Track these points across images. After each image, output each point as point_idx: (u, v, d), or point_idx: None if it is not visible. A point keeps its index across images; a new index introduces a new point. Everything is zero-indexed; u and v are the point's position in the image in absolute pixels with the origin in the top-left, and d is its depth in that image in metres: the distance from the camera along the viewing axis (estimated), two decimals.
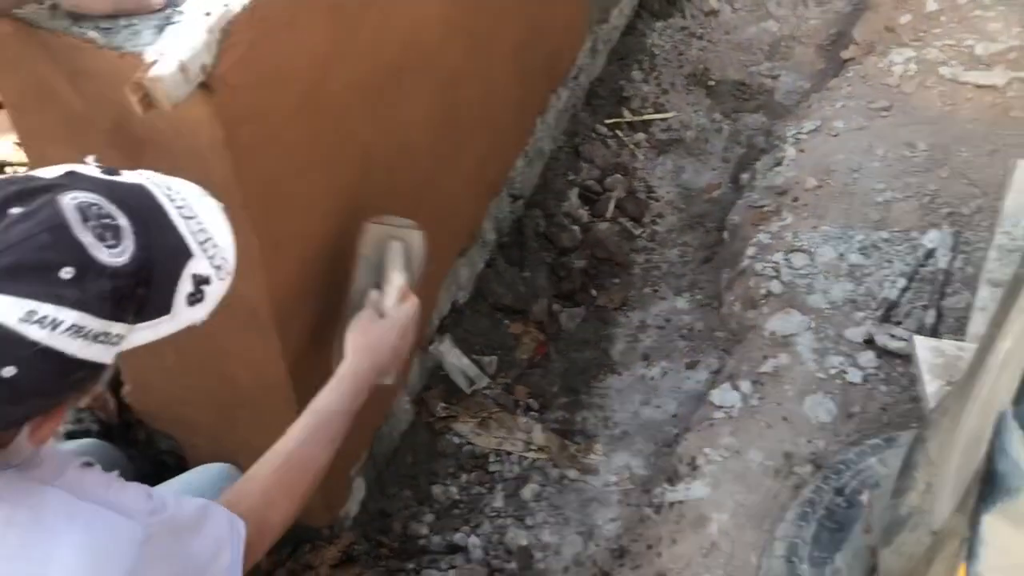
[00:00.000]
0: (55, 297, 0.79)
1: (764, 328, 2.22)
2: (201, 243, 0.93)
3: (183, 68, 1.13)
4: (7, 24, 1.24)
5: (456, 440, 2.25)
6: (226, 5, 1.20)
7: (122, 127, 1.30)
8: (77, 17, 1.21)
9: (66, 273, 0.80)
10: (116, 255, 0.84)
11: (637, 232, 2.74)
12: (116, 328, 0.85)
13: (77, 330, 0.81)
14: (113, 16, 1.21)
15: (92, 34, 1.21)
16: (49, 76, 1.30)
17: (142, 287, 0.87)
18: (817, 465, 1.94)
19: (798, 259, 2.34)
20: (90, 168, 0.89)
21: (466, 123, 2.08)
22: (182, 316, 0.92)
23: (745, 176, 2.76)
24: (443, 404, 2.30)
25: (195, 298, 0.92)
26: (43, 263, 0.79)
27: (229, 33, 1.20)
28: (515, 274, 2.58)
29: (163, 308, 0.90)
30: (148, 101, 1.13)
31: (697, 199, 2.85)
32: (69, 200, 0.82)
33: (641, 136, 3.01)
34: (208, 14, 1.19)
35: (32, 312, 0.78)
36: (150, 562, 0.96)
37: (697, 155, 2.97)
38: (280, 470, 1.27)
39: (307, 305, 1.60)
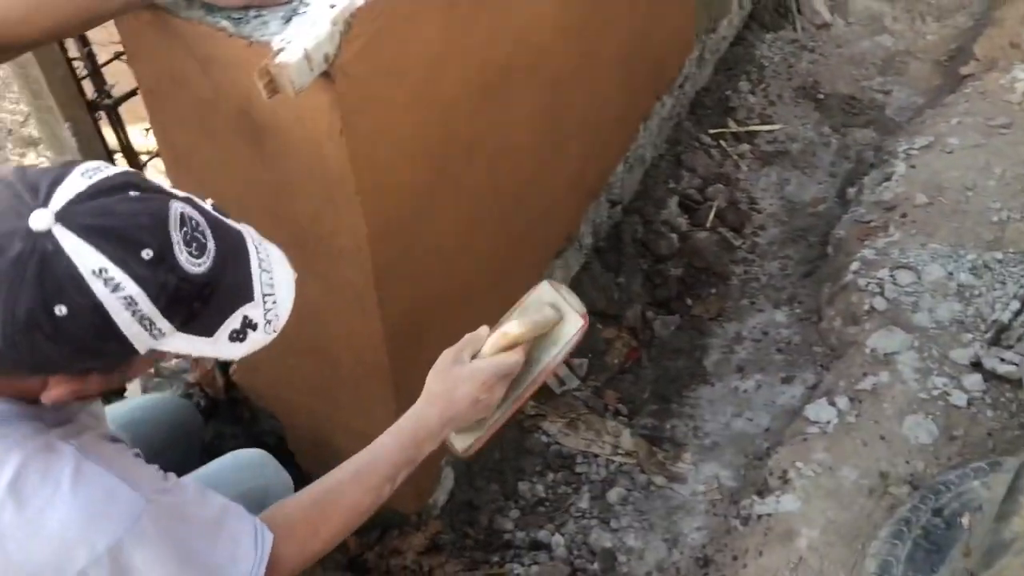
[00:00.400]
0: (127, 267, 0.88)
1: (865, 345, 2.17)
2: (264, 295, 1.00)
3: (307, 56, 1.19)
4: (147, 13, 1.32)
5: (544, 439, 2.27)
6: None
7: (246, 113, 1.37)
8: (210, 7, 1.29)
9: (146, 254, 0.89)
10: (192, 264, 0.92)
11: (737, 243, 2.71)
12: (161, 323, 0.91)
13: (130, 303, 0.88)
14: (244, 8, 1.28)
15: (224, 23, 1.28)
16: (181, 63, 1.38)
17: (199, 302, 0.94)
18: (914, 486, 1.88)
19: (904, 276, 2.27)
20: (206, 204, 0.99)
21: (570, 125, 2.11)
22: (219, 347, 0.98)
23: (852, 191, 2.71)
24: (533, 403, 2.32)
25: (237, 336, 0.98)
26: (133, 238, 0.88)
27: (351, 25, 1.25)
28: (610, 279, 2.59)
29: (207, 330, 0.96)
30: (273, 87, 1.19)
31: (801, 212, 2.80)
32: (177, 206, 0.93)
33: (745, 147, 2.98)
34: (333, 6, 1.25)
35: (104, 269, 0.87)
36: (145, 536, 0.98)
37: (803, 168, 2.92)
38: (314, 506, 1.20)
39: (410, 292, 1.65)
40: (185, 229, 0.92)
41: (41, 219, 0.85)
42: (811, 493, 1.93)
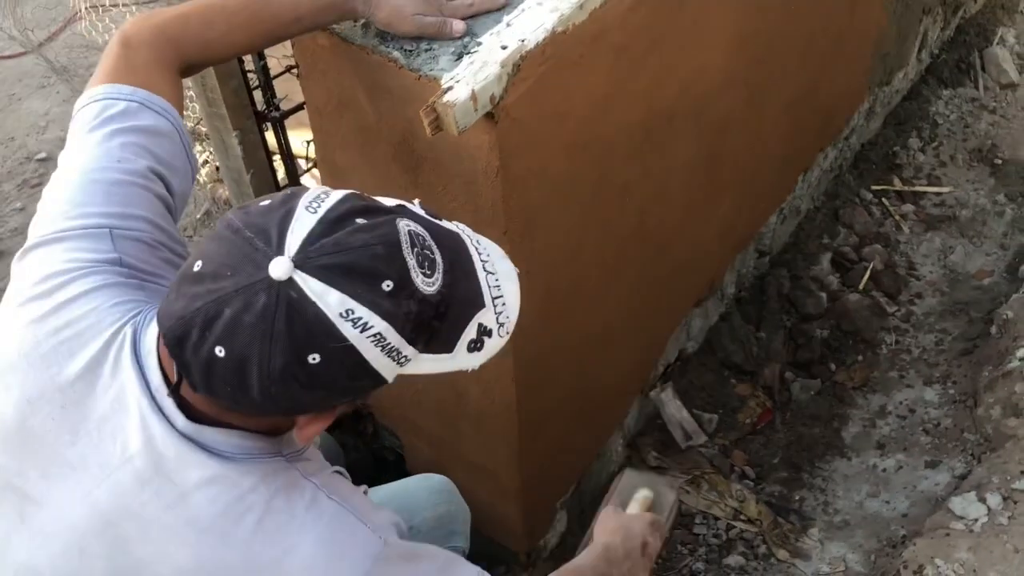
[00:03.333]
0: (372, 303, 0.84)
1: None
2: (494, 298, 0.96)
3: (474, 97, 1.18)
4: (324, 38, 1.35)
5: None
6: (522, 40, 1.24)
7: (406, 143, 1.38)
8: (385, 36, 1.30)
9: (387, 286, 0.85)
10: (428, 284, 0.88)
11: (891, 309, 2.56)
12: (408, 350, 0.89)
13: (380, 339, 0.84)
14: (417, 38, 1.29)
15: (396, 54, 1.28)
16: (351, 87, 1.39)
17: (437, 320, 0.90)
18: None
19: None
20: (416, 207, 0.95)
21: (727, 174, 2.03)
22: (460, 359, 0.95)
23: None
24: (655, 454, 2.25)
25: (475, 346, 0.95)
26: (372, 271, 0.85)
27: (520, 68, 1.24)
28: (750, 333, 2.49)
29: (448, 346, 0.93)
30: (438, 125, 1.18)
31: (964, 284, 2.62)
32: (404, 225, 0.89)
33: (909, 208, 2.81)
34: (504, 48, 1.23)
35: (350, 311, 0.83)
36: None
37: (971, 237, 2.74)
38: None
39: (546, 333, 1.62)
40: (416, 249, 0.88)
41: (280, 267, 0.82)
42: None
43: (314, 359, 0.83)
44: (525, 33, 1.25)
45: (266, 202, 0.89)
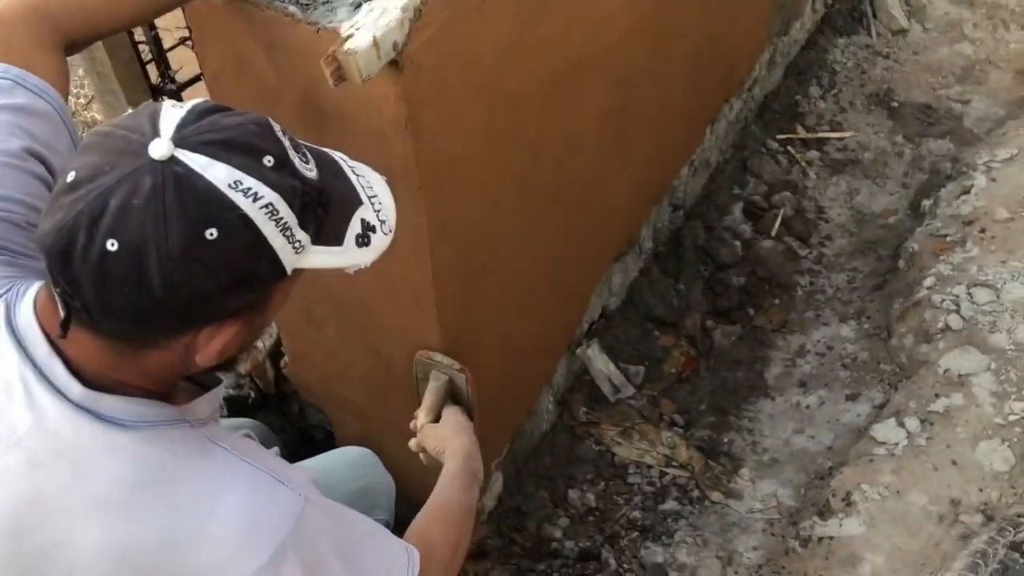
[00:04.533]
0: (259, 174, 0.83)
1: (938, 364, 2.07)
2: (370, 197, 0.97)
3: (376, 44, 1.15)
4: None
5: (596, 447, 2.22)
6: None
7: (310, 101, 1.34)
8: None
9: (268, 160, 0.84)
10: (305, 169, 0.89)
11: (803, 253, 2.62)
12: (299, 234, 0.87)
13: (272, 211, 0.84)
14: None
15: (292, 8, 1.24)
16: (248, 49, 1.35)
17: (321, 209, 0.90)
18: (988, 516, 1.79)
19: (982, 294, 2.17)
20: None
21: (636, 125, 2.04)
22: (351, 254, 0.94)
23: (927, 203, 2.60)
24: (585, 409, 2.26)
25: (362, 241, 0.95)
26: (251, 145, 0.84)
27: (422, 14, 1.21)
28: (669, 285, 2.52)
29: (336, 239, 0.92)
30: (340, 74, 1.15)
31: (871, 224, 2.70)
32: (271, 120, 0.90)
33: (814, 154, 2.88)
34: None
35: (239, 181, 0.82)
36: (306, 536, 0.96)
37: (874, 178, 2.82)
38: (431, 519, 1.29)
39: (468, 291, 1.61)
40: (288, 137, 0.89)
41: (161, 147, 0.81)
42: (876, 517, 1.84)
43: (211, 234, 0.81)
44: None
45: (128, 112, 0.90)
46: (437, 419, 1.51)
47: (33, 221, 1.00)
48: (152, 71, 1.70)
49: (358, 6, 1.22)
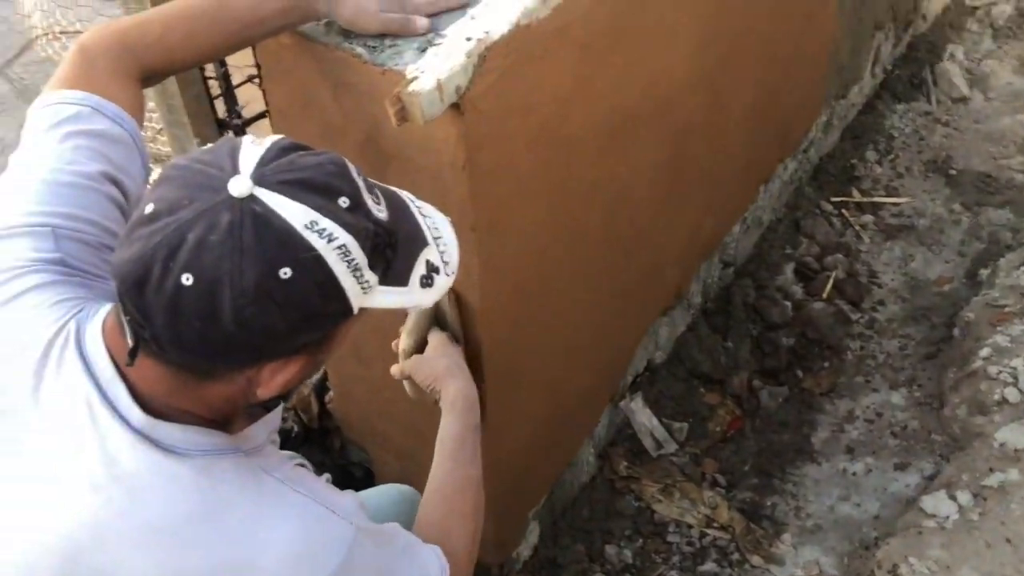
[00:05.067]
0: (334, 216, 0.84)
1: (993, 438, 2.01)
2: (435, 238, 0.99)
3: (439, 87, 1.17)
4: (287, 37, 1.34)
5: (636, 503, 2.18)
6: (486, 32, 1.24)
7: (372, 140, 1.37)
8: (348, 34, 1.29)
9: (343, 202, 0.85)
10: (377, 210, 0.90)
11: (854, 317, 2.58)
12: (368, 275, 0.88)
13: (345, 252, 0.84)
14: (380, 36, 1.28)
15: (359, 50, 1.28)
16: (314, 87, 1.38)
17: (390, 250, 0.91)
18: None
19: None
20: None
21: (690, 179, 2.05)
22: (414, 295, 0.95)
23: (984, 272, 2.55)
24: (626, 463, 2.24)
25: (426, 282, 0.96)
26: (328, 186, 0.85)
27: (485, 59, 1.24)
28: (717, 342, 2.50)
29: (402, 279, 0.94)
30: (403, 115, 1.18)
31: (925, 291, 2.65)
32: (346, 159, 0.91)
33: (869, 218, 2.86)
34: (469, 39, 1.23)
35: (314, 222, 0.83)
36: (356, 565, 0.96)
37: (929, 245, 2.78)
38: (444, 501, 1.28)
39: (514, 335, 1.61)
40: (362, 178, 0.90)
41: (241, 184, 0.82)
42: None
43: (286, 273, 0.81)
44: (489, 26, 1.25)
45: (207, 146, 0.90)
46: (420, 343, 1.46)
47: (107, 242, 1.03)
48: (220, 106, 1.75)
49: (424, 50, 1.25)
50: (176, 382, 0.90)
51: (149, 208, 0.83)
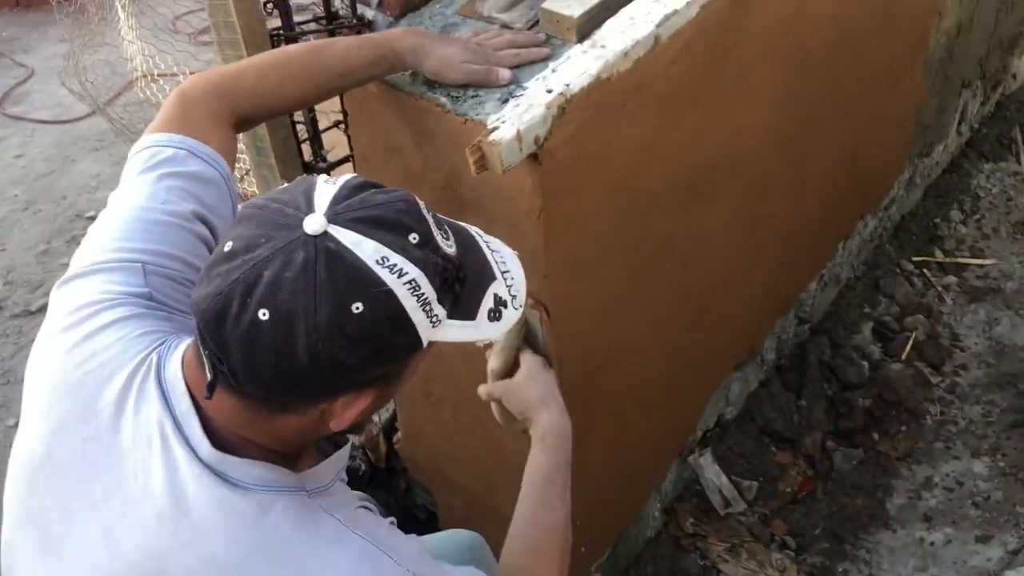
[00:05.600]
0: (404, 251, 0.86)
1: None
2: (503, 272, 1.00)
3: (519, 137, 1.20)
4: (374, 86, 1.38)
5: (701, 561, 2.14)
6: (567, 85, 1.26)
7: (450, 187, 1.40)
8: (432, 84, 1.33)
9: (413, 238, 0.88)
10: (447, 245, 0.92)
11: (935, 380, 2.50)
12: (437, 308, 0.90)
13: (415, 287, 0.87)
14: (464, 86, 1.32)
15: (443, 100, 1.32)
16: (397, 134, 1.43)
17: (458, 284, 0.93)
18: None
19: None
20: None
21: (767, 234, 2.03)
22: (482, 328, 0.97)
23: None
24: (693, 520, 2.19)
25: (494, 316, 0.97)
26: (399, 223, 0.88)
27: (565, 111, 1.26)
28: (790, 400, 2.45)
29: (470, 313, 0.95)
30: (483, 163, 1.20)
31: (1011, 356, 2.56)
32: (416, 197, 0.94)
33: (952, 280, 2.78)
34: (550, 91, 1.26)
35: (385, 258, 0.85)
36: None
37: (1016, 309, 2.68)
38: (530, 544, 1.26)
39: (583, 384, 1.60)
40: (431, 214, 0.92)
41: (315, 222, 0.85)
42: None
43: (358, 308, 0.83)
44: (570, 78, 1.27)
45: (281, 186, 0.93)
46: (510, 364, 1.38)
47: (192, 278, 1.07)
48: (306, 149, 1.81)
49: (505, 101, 1.28)
50: (250, 415, 0.92)
51: (228, 246, 0.87)
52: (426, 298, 0.88)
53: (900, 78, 2.40)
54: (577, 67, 1.29)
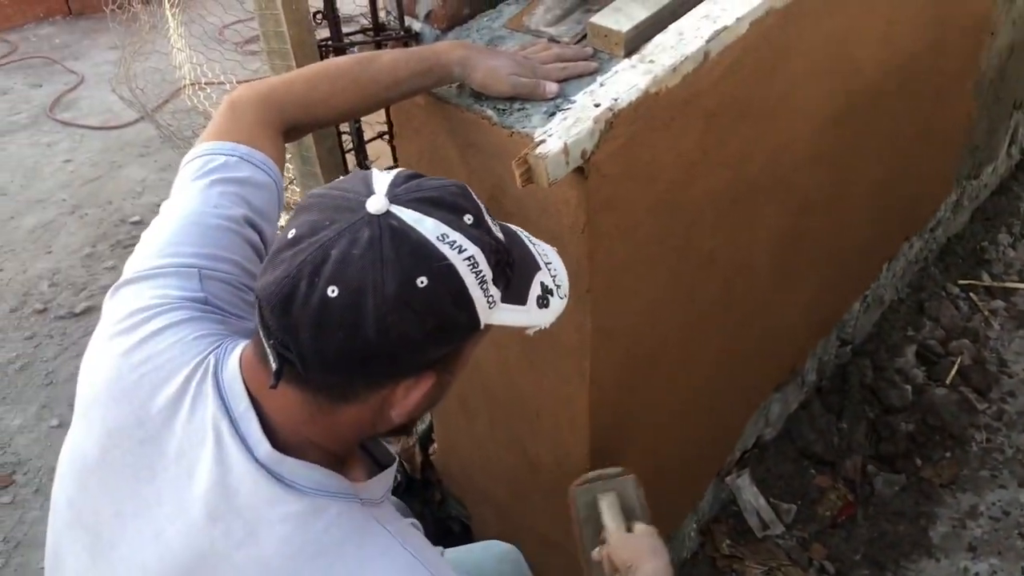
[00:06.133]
0: (462, 229, 0.89)
1: None
2: (546, 263, 1.02)
3: (566, 150, 1.19)
4: (421, 97, 1.39)
5: None
6: (615, 99, 1.26)
7: (495, 199, 1.39)
8: (479, 97, 1.33)
9: (468, 219, 0.90)
10: (497, 231, 0.95)
11: (981, 406, 2.45)
12: (492, 290, 0.91)
13: (473, 264, 0.88)
14: (510, 99, 1.32)
15: (489, 112, 1.31)
16: (443, 145, 1.43)
17: (509, 268, 0.95)
18: None
19: None
20: None
21: (810, 253, 2.00)
22: (533, 314, 0.98)
23: None
24: (730, 542, 2.16)
25: (542, 303, 0.99)
26: (455, 204, 0.90)
27: (612, 126, 1.25)
28: (831, 422, 2.41)
29: (520, 298, 0.97)
30: (529, 176, 1.20)
31: None
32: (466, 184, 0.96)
33: (999, 304, 2.72)
34: (597, 105, 1.25)
35: (445, 235, 0.87)
36: None
37: None
38: None
39: (622, 400, 1.59)
40: (482, 200, 0.95)
41: (378, 202, 0.87)
42: None
43: (422, 281, 0.85)
44: (618, 92, 1.27)
45: (339, 179, 0.96)
46: (597, 535, 1.44)
47: (245, 283, 1.09)
48: (351, 159, 1.82)
49: (552, 114, 1.27)
50: (312, 408, 0.92)
51: (292, 233, 0.88)
52: (483, 276, 0.89)
53: (949, 98, 2.36)
54: (625, 81, 1.29)
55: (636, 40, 1.35)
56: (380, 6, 1.66)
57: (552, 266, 1.02)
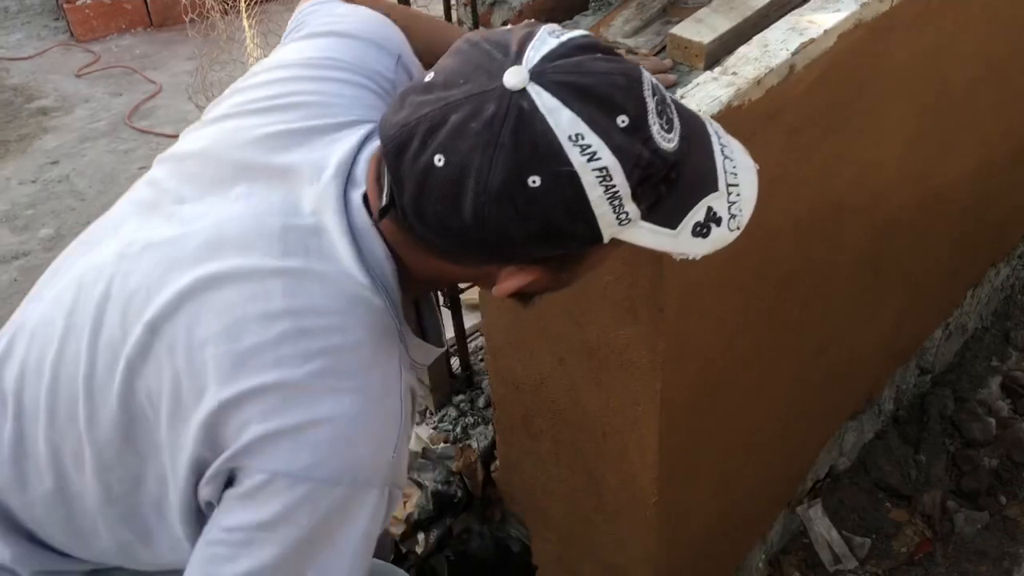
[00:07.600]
0: (604, 134, 0.77)
1: None
2: (729, 185, 0.87)
3: None
4: None
5: None
6: (698, 110, 1.21)
7: None
8: None
9: (622, 121, 0.78)
10: (663, 139, 0.80)
11: None
12: (629, 206, 0.79)
13: (605, 176, 0.77)
14: None
15: None
16: None
17: (664, 185, 0.82)
18: None
19: None
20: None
21: (891, 277, 1.92)
22: (684, 241, 0.85)
23: None
24: (799, 575, 2.08)
25: (701, 231, 0.85)
26: (609, 100, 0.78)
27: None
28: (908, 454, 2.31)
29: (672, 220, 0.84)
30: None
31: None
32: (648, 75, 0.82)
33: None
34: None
35: (580, 135, 0.76)
36: (366, 501, 0.87)
37: None
38: None
39: (692, 424, 1.54)
40: (657, 97, 0.80)
41: (516, 76, 0.76)
42: None
43: (534, 182, 0.76)
44: (699, 105, 1.22)
45: (507, 26, 0.87)
46: None
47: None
48: None
49: None
50: (411, 243, 0.87)
51: (430, 76, 0.82)
52: (616, 192, 0.78)
53: None
54: (706, 94, 1.24)
55: (717, 52, 1.31)
56: (454, 19, 1.64)
57: (736, 190, 0.87)
